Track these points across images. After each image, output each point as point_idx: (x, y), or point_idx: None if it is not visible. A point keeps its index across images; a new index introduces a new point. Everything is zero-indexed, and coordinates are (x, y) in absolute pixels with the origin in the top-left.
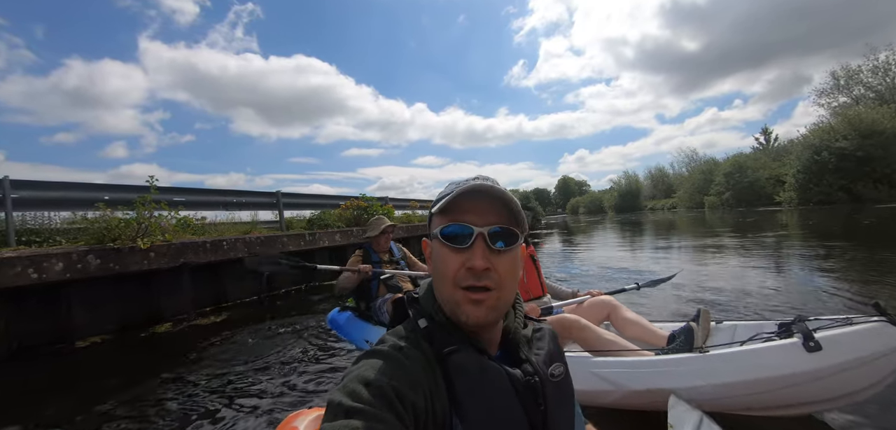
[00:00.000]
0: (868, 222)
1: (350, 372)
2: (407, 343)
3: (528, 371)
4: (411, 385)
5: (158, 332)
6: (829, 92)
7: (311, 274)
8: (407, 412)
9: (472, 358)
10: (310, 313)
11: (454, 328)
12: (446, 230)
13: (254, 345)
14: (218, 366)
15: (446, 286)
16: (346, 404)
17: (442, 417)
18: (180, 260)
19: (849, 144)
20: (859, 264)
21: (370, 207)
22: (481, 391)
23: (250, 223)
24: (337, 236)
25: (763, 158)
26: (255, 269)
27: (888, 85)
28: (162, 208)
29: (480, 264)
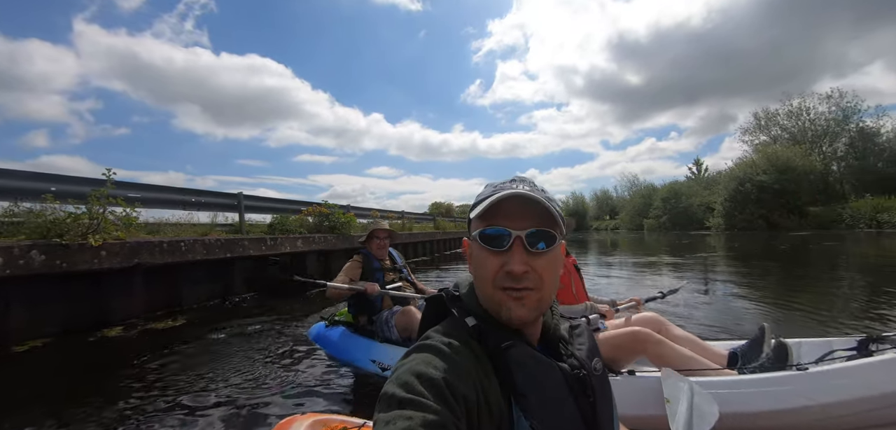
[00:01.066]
0: (783, 247)
1: (402, 365)
2: (455, 339)
3: (575, 365)
4: (462, 379)
5: (108, 336)
6: (751, 130)
7: (303, 286)
8: (458, 405)
9: (527, 353)
10: (272, 318)
11: (503, 325)
12: (485, 233)
13: (213, 351)
14: (174, 373)
15: (486, 287)
16: (399, 395)
17: (497, 410)
18: (134, 260)
19: (767, 177)
20: (776, 283)
21: (332, 215)
22: (540, 383)
23: (209, 225)
24: (299, 242)
25: (695, 187)
26: (274, 267)
27: (800, 127)
28: (117, 204)
29: (519, 268)
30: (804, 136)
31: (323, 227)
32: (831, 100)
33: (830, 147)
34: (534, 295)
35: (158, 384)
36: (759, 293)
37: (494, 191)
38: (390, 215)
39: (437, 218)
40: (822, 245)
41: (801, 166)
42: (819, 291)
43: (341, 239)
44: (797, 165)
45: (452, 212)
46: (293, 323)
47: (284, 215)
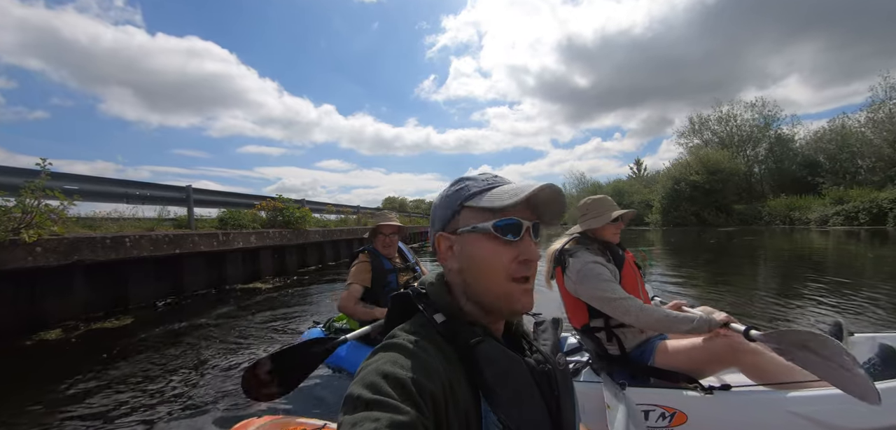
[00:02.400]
0: (713, 241)
1: (367, 366)
2: (422, 337)
3: (541, 360)
4: (429, 377)
5: (48, 339)
6: (686, 134)
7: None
8: (426, 404)
9: (496, 348)
10: (222, 318)
11: (472, 321)
12: (499, 223)
13: (163, 353)
14: (120, 378)
15: (497, 280)
16: (365, 396)
17: (465, 406)
18: (73, 257)
19: (700, 177)
20: (708, 273)
21: (287, 209)
22: (509, 378)
23: (155, 220)
24: (252, 238)
25: (636, 185)
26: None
27: (728, 132)
28: (54, 197)
29: (536, 255)
30: (731, 140)
31: (277, 222)
32: (755, 108)
33: (753, 151)
34: (531, 284)
35: (103, 389)
36: (696, 284)
37: (491, 184)
38: (346, 210)
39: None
40: (743, 240)
41: (728, 168)
42: (741, 280)
43: (296, 234)
44: (725, 167)
45: (407, 207)
46: (250, 321)
47: (237, 209)
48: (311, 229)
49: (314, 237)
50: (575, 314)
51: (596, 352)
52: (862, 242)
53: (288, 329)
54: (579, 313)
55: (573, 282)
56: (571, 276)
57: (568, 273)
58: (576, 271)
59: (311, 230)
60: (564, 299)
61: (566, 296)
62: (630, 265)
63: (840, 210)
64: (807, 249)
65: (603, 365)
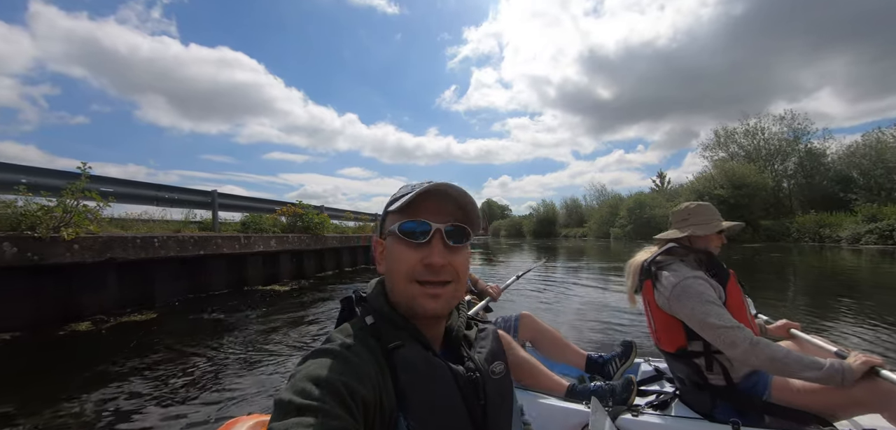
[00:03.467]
0: (737, 257)
1: (298, 371)
2: (354, 340)
3: (470, 368)
4: (360, 380)
5: (79, 330)
6: (711, 147)
7: None
8: (357, 408)
9: (417, 353)
10: (241, 317)
11: (402, 324)
12: (405, 226)
13: (185, 348)
14: (145, 369)
15: (401, 281)
16: (296, 401)
17: (389, 411)
18: (107, 255)
19: (724, 191)
20: None
21: (306, 215)
22: (425, 384)
23: (181, 222)
24: (272, 242)
25: (659, 198)
26: None
27: (755, 146)
28: (91, 198)
29: (439, 261)
30: (758, 154)
31: (296, 227)
32: (784, 121)
33: (782, 165)
34: (450, 289)
35: (125, 378)
36: None
37: (413, 188)
38: (364, 217)
39: None
40: (771, 256)
41: (755, 182)
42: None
43: (314, 239)
44: (751, 181)
45: None
46: (268, 322)
47: (258, 214)
48: (329, 234)
49: (332, 243)
50: (666, 336)
51: (693, 381)
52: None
53: (305, 331)
54: (673, 335)
55: (667, 298)
56: (665, 291)
57: (660, 288)
58: (671, 285)
59: (329, 236)
60: (654, 318)
61: (657, 314)
62: (735, 284)
63: (873, 228)
64: (839, 267)
65: (702, 398)
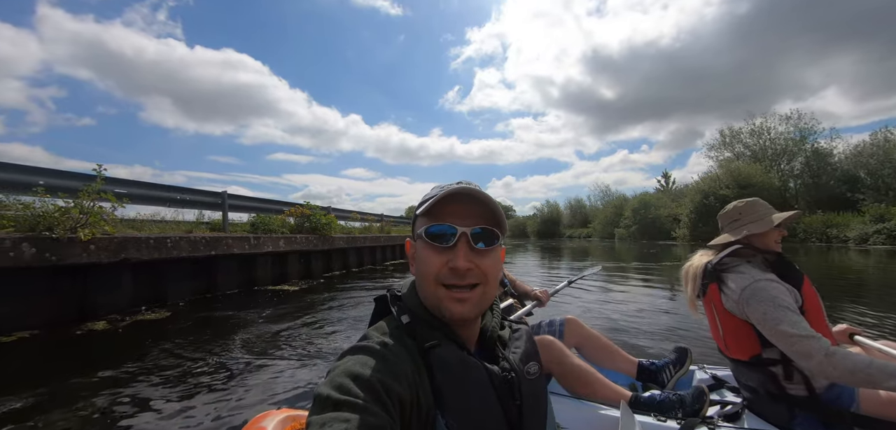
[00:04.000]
0: None
1: (336, 367)
2: (391, 338)
3: (506, 368)
4: (397, 378)
5: (95, 329)
6: (716, 147)
7: None
8: (393, 405)
9: (452, 353)
10: (251, 316)
11: (436, 324)
12: (430, 230)
13: (198, 346)
14: (161, 367)
15: (429, 284)
16: (334, 397)
17: (426, 409)
18: (121, 255)
19: (730, 192)
20: None
21: (313, 216)
22: (461, 383)
23: (193, 223)
24: (281, 242)
25: (664, 198)
26: None
27: (761, 146)
28: (106, 199)
29: (463, 265)
30: (764, 154)
31: (304, 228)
32: (790, 121)
33: (788, 165)
34: (477, 292)
35: (139, 376)
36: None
37: (441, 190)
38: (370, 218)
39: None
40: None
41: (760, 182)
42: None
43: (322, 240)
44: (757, 181)
45: None
46: (278, 321)
47: (267, 214)
48: (337, 235)
49: (339, 244)
50: (737, 343)
51: (767, 391)
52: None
53: (317, 330)
54: (744, 341)
55: (736, 302)
56: (733, 294)
57: (727, 291)
58: (741, 288)
59: (336, 236)
60: (721, 324)
61: (725, 319)
62: (811, 288)
63: (881, 228)
64: (847, 268)
65: (778, 409)
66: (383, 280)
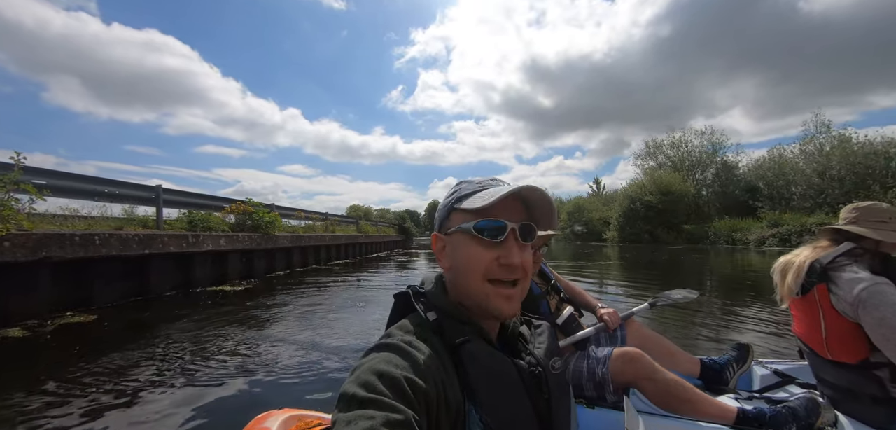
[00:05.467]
0: (664, 258)
1: (362, 364)
2: (416, 336)
3: (532, 363)
4: (423, 376)
5: (8, 337)
6: (642, 156)
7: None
8: (419, 403)
9: (483, 348)
10: (191, 316)
11: (465, 320)
12: (480, 224)
13: (131, 352)
14: (87, 375)
15: (475, 280)
16: (360, 395)
17: (455, 405)
18: (41, 253)
19: (653, 198)
20: (659, 286)
21: (256, 213)
22: (493, 378)
23: (124, 219)
24: (222, 241)
25: (596, 203)
26: None
27: (680, 157)
28: (26, 190)
29: (517, 260)
30: (682, 164)
31: (246, 226)
32: (704, 136)
33: (701, 175)
34: (519, 289)
35: (64, 389)
36: (646, 292)
37: (481, 187)
38: (314, 216)
39: (359, 221)
40: (692, 257)
41: (679, 190)
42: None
43: (265, 239)
44: (676, 189)
45: (372, 215)
46: (220, 323)
47: (206, 211)
48: (281, 234)
49: (283, 243)
50: (843, 346)
51: (870, 396)
52: None
53: (260, 333)
54: (853, 345)
55: (851, 303)
56: (848, 296)
57: (838, 292)
58: (856, 290)
59: (281, 235)
60: (827, 326)
61: (833, 321)
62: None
63: (775, 232)
64: (746, 266)
65: (876, 413)
66: (331, 281)
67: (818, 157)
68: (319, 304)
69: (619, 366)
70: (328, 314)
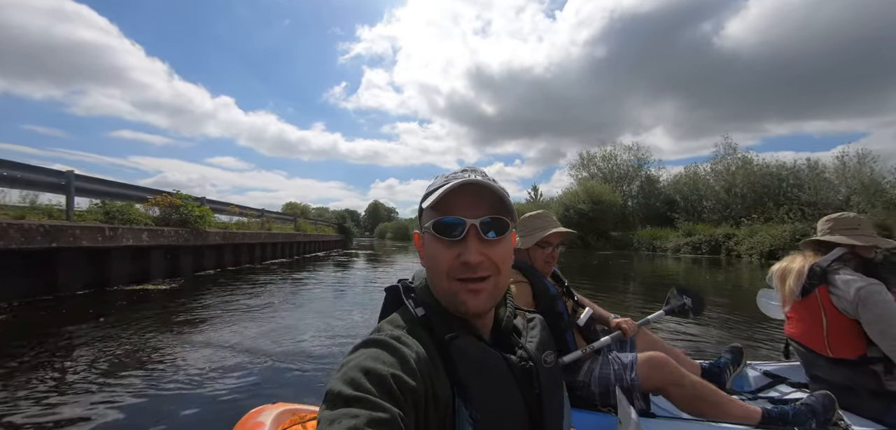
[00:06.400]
0: (595, 262)
1: (349, 361)
2: (404, 332)
3: (523, 357)
4: (410, 373)
5: None
6: (576, 167)
7: None
8: (406, 400)
9: (472, 343)
10: (104, 318)
11: (451, 316)
12: (439, 222)
13: (32, 359)
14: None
15: (441, 279)
16: (346, 392)
17: (444, 401)
18: None
19: (585, 207)
20: (593, 290)
21: (185, 207)
22: (483, 373)
23: (27, 207)
24: (144, 236)
25: (533, 209)
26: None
27: (610, 169)
28: None
29: (475, 258)
30: (612, 175)
31: (172, 220)
32: (631, 151)
33: (628, 187)
34: (490, 283)
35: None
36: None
37: (447, 181)
38: (249, 213)
39: (297, 219)
40: (619, 262)
41: (609, 200)
42: (618, 291)
43: (194, 235)
44: (606, 199)
45: (309, 214)
46: (139, 327)
47: (126, 202)
48: (211, 230)
49: (214, 239)
50: (843, 342)
51: (868, 389)
52: (702, 267)
53: (185, 338)
54: (852, 341)
55: (851, 302)
56: (847, 296)
57: (838, 292)
58: (855, 289)
59: (211, 231)
60: (829, 324)
61: (835, 320)
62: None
63: (689, 241)
64: (667, 271)
65: (874, 405)
66: (266, 280)
67: (725, 175)
68: (252, 304)
69: (646, 371)
70: (259, 315)
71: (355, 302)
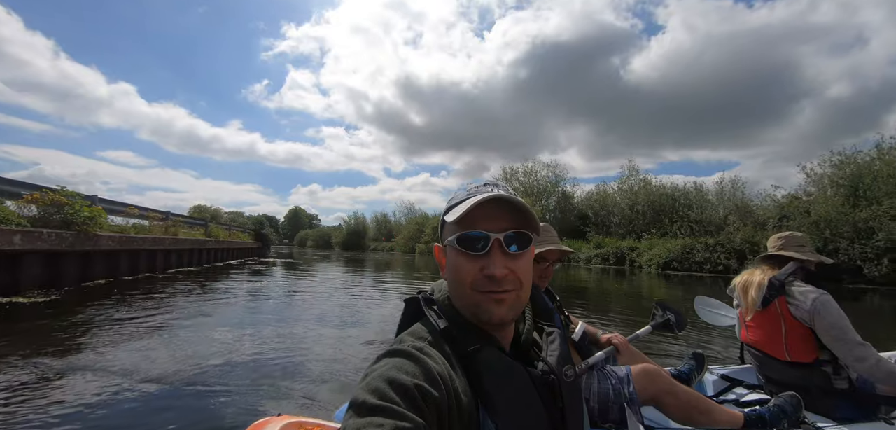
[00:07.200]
0: None
1: (373, 371)
2: (428, 343)
3: (545, 370)
4: (434, 384)
5: None
6: (500, 180)
7: None
8: (430, 411)
9: (495, 355)
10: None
11: (474, 328)
12: (463, 236)
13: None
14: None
15: (464, 291)
16: (370, 402)
17: (468, 413)
18: None
19: None
20: None
21: (70, 206)
22: (507, 386)
23: None
24: (16, 238)
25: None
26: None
27: (531, 184)
28: None
29: (500, 272)
30: (533, 190)
31: (53, 221)
32: (549, 168)
33: (547, 201)
34: (512, 295)
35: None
36: None
37: (469, 195)
38: (152, 215)
39: (209, 223)
40: None
41: None
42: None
43: (80, 239)
44: None
45: (222, 218)
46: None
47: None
48: (104, 233)
49: (106, 244)
50: (800, 347)
51: (820, 388)
52: (610, 277)
53: (64, 361)
54: (806, 347)
55: (808, 311)
56: (804, 304)
57: (795, 302)
58: (811, 300)
59: (103, 235)
60: (788, 331)
61: (793, 327)
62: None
63: (599, 253)
64: (580, 280)
65: (827, 403)
66: (170, 291)
67: (630, 194)
68: (149, 319)
69: (643, 383)
70: (157, 331)
71: (273, 314)
